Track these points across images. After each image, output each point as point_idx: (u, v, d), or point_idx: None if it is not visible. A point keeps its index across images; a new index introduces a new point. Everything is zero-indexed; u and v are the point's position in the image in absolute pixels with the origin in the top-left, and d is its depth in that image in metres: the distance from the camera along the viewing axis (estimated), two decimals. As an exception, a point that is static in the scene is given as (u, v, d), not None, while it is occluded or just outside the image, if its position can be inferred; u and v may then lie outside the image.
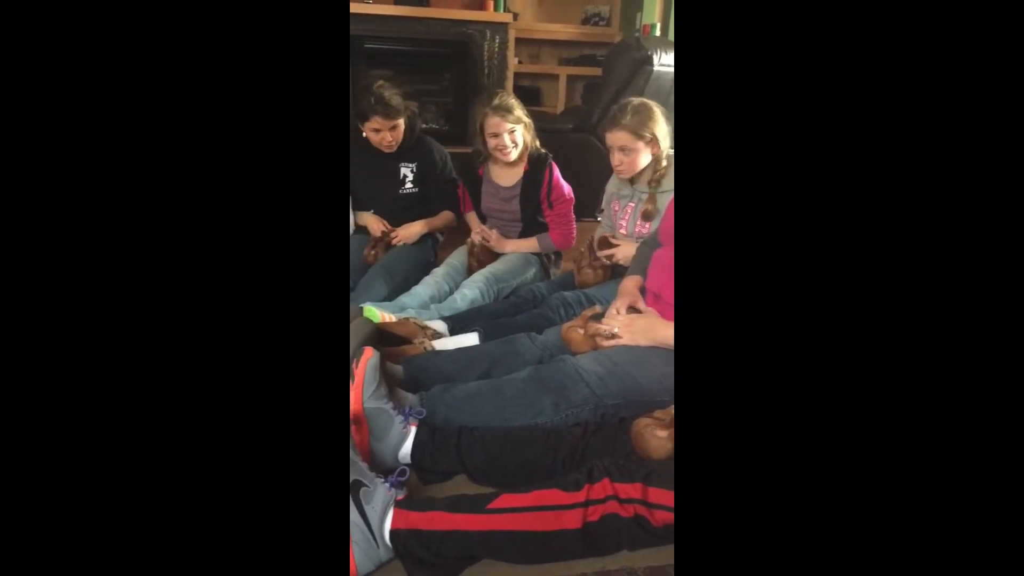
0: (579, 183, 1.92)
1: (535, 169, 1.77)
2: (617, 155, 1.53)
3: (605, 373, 1.10)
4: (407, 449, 1.01)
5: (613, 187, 1.68)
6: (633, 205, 1.60)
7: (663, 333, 1.15)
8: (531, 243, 1.84)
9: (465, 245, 1.87)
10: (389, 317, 1.40)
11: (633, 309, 1.26)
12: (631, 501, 0.83)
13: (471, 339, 1.38)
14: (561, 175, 1.81)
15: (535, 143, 1.79)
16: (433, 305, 1.57)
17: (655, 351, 1.14)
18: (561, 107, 3.65)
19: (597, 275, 1.60)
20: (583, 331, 1.22)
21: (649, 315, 1.22)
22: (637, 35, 3.11)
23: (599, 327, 1.20)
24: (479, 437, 1.02)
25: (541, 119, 2.10)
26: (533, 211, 1.81)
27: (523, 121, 1.72)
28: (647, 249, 1.38)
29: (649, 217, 1.54)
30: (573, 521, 0.82)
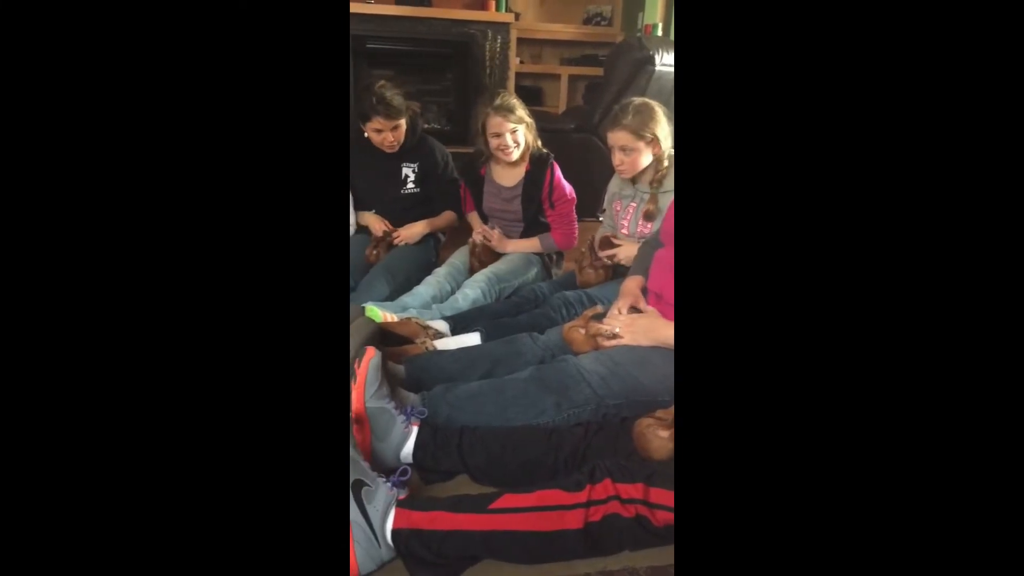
0: (581, 183, 1.92)
1: (537, 169, 1.77)
2: (619, 155, 1.53)
3: (607, 373, 1.10)
4: (409, 449, 1.01)
5: (615, 187, 1.68)
6: (635, 205, 1.60)
7: (665, 333, 1.15)
8: (533, 243, 1.84)
9: (467, 245, 1.87)
10: (391, 317, 1.40)
11: (635, 309, 1.26)
12: (633, 501, 0.83)
13: (473, 339, 1.38)
14: (563, 175, 1.81)
15: (537, 143, 1.79)
16: (435, 305, 1.57)
17: (657, 351, 1.14)
18: (563, 107, 3.65)
19: (599, 275, 1.60)
20: (585, 331, 1.22)
21: (651, 315, 1.21)
22: (639, 35, 3.12)
23: (601, 327, 1.20)
24: (481, 437, 1.02)
25: (543, 119, 2.10)
26: (535, 211, 1.81)
27: (525, 121, 1.72)
28: (649, 249, 1.38)
29: (651, 217, 1.54)
30: (575, 521, 0.82)
